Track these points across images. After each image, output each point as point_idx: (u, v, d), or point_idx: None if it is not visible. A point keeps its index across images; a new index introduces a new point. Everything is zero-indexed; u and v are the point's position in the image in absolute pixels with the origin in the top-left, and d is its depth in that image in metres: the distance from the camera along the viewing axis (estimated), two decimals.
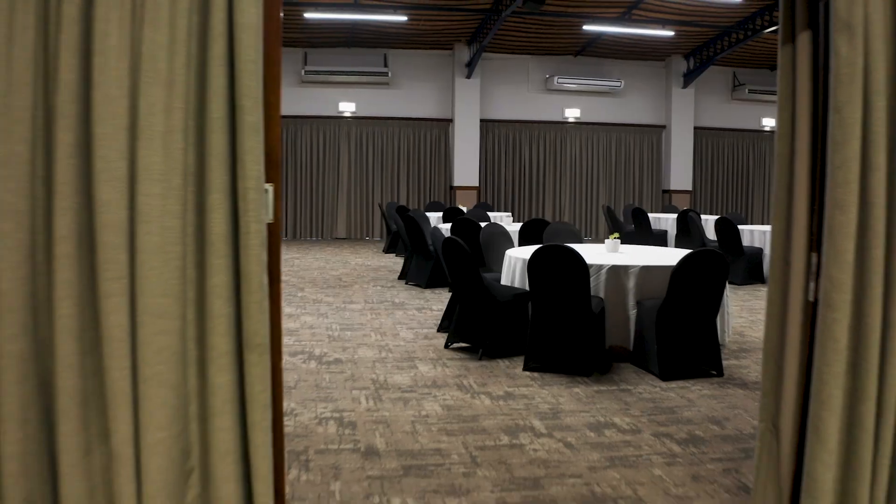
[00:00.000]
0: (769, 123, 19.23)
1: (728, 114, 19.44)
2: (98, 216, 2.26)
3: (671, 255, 6.75)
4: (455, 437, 4.40)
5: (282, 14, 2.51)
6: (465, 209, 14.35)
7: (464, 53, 17.32)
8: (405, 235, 11.17)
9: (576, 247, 6.53)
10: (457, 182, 17.66)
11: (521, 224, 10.02)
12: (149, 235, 2.26)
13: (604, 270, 6.13)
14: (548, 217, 18.07)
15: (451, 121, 17.78)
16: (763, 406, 3.06)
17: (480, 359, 6.24)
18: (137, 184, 2.26)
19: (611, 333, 6.15)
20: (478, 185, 17.82)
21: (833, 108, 2.73)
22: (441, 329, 7.34)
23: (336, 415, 4.78)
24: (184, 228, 2.32)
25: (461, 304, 6.58)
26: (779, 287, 3.03)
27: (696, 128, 19.09)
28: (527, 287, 6.11)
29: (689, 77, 18.38)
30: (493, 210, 16.50)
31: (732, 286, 10.37)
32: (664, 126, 19.00)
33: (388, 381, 5.58)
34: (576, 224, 18.38)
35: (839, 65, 2.71)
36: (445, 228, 10.42)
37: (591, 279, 6.07)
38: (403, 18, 14.74)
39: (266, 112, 2.38)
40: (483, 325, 6.33)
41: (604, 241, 7.47)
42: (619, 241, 7.16)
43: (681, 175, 18.97)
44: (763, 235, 11.33)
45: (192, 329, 2.37)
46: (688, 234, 12.22)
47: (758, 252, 11.11)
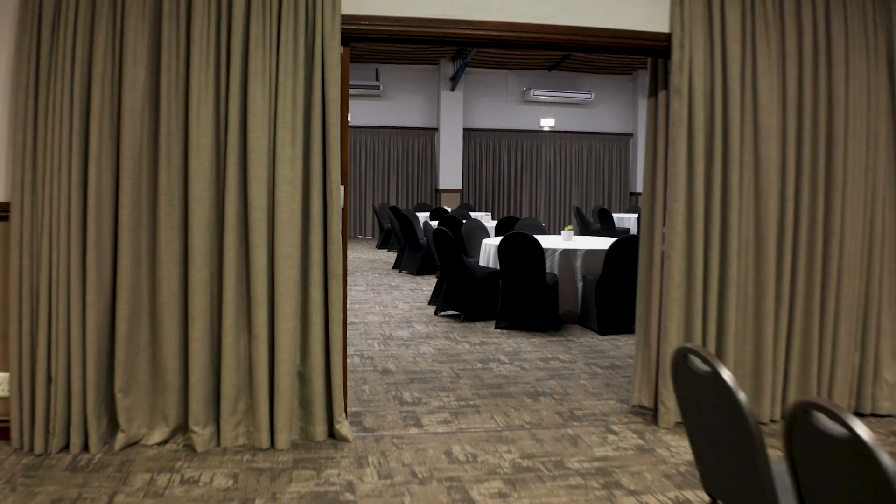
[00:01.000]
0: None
1: None
2: (251, 202, 4.09)
3: (607, 242, 8.61)
4: (444, 364, 6.24)
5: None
6: (450, 209, 16.15)
7: (448, 68, 19.12)
8: (399, 231, 13.00)
9: (538, 237, 8.37)
10: (442, 185, 19.42)
11: (497, 221, 11.88)
12: (281, 214, 4.10)
13: (557, 253, 7.98)
14: (524, 216, 19.90)
15: (437, 129, 19.55)
16: (637, 323, 4.92)
17: (463, 321, 8.08)
18: (276, 185, 4.09)
19: (563, 301, 8.00)
20: (461, 188, 19.59)
21: (670, 140, 4.60)
22: (431, 302, 9.17)
23: (358, 353, 6.59)
24: (299, 210, 4.16)
25: (447, 281, 8.41)
26: (646, 250, 4.89)
27: None
28: (498, 267, 7.95)
29: None
30: (475, 210, 18.29)
31: None
32: (632, 134, 20.86)
33: (393, 335, 7.40)
34: (549, 222, 20.21)
35: (673, 114, 4.58)
36: (434, 225, 12.26)
37: (547, 260, 7.92)
38: None
39: (341, 146, 4.22)
40: (464, 296, 8.17)
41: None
42: (573, 233, 9.01)
43: None
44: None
45: (302, 266, 4.21)
46: None
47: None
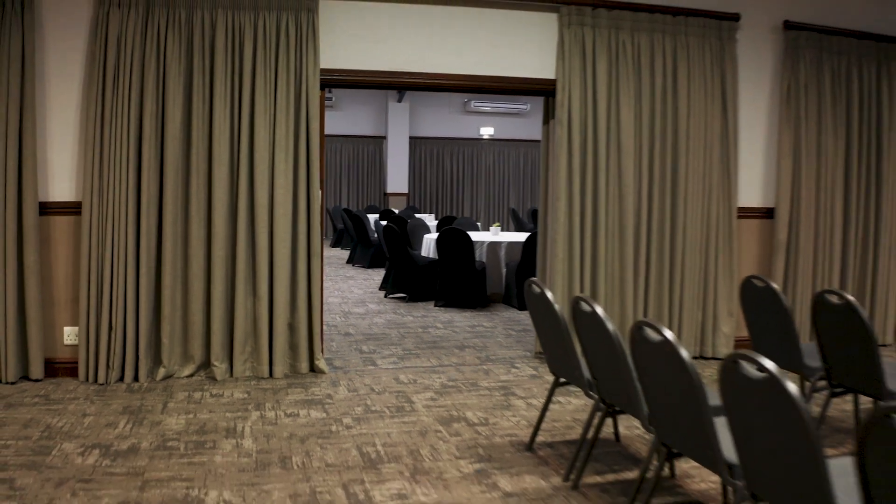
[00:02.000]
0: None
1: None
2: (256, 202, 5.79)
3: (524, 236, 10.40)
4: (392, 329, 7.97)
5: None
6: (397, 210, 17.84)
7: None
8: (352, 230, 14.68)
9: (471, 232, 10.12)
10: (389, 189, 21.05)
11: (438, 220, 13.63)
12: (278, 209, 5.80)
13: (485, 245, 9.74)
14: (465, 217, 21.63)
15: (385, 138, 21.17)
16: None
17: (408, 301, 9.81)
18: (274, 190, 5.80)
19: (490, 284, 9.76)
20: (407, 192, 21.23)
21: (552, 157, 6.39)
22: (381, 288, 10.88)
23: (325, 323, 8.29)
24: (290, 207, 5.86)
25: (395, 269, 10.13)
26: (542, 237, 6.67)
27: None
28: (436, 257, 9.68)
29: None
30: (420, 212, 19.99)
31: None
32: None
33: (351, 311, 9.10)
34: (488, 221, 21.98)
35: (557, 138, 6.37)
36: (384, 223, 13.98)
37: (477, 251, 9.69)
38: None
39: (320, 163, 5.93)
40: (409, 281, 9.89)
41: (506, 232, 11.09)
42: (500, 229, 10.78)
43: None
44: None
45: (292, 247, 5.92)
46: None
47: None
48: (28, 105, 5.55)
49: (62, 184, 5.83)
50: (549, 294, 3.93)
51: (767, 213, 7.21)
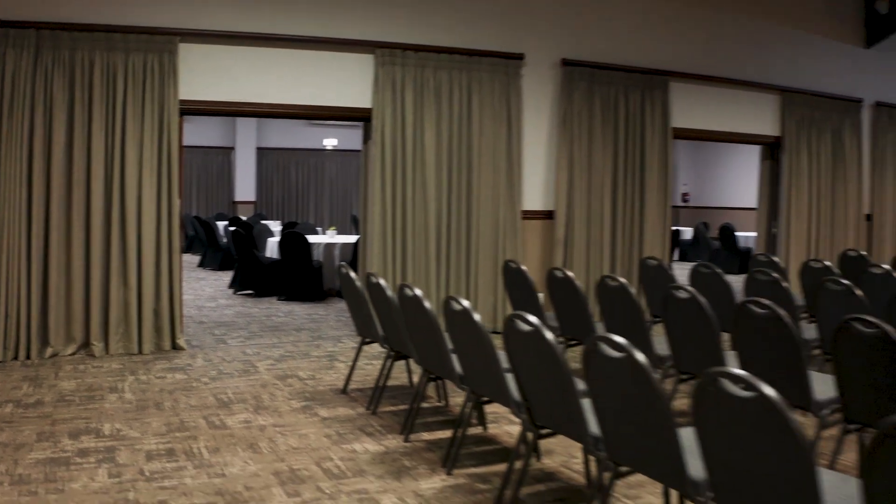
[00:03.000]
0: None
1: None
2: (127, 208, 7.14)
3: (356, 238, 11.92)
4: (240, 319, 9.38)
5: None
6: (245, 217, 19.06)
7: None
8: (203, 236, 15.90)
9: (309, 236, 11.61)
10: (238, 197, 22.13)
11: (283, 225, 15.03)
12: (145, 215, 7.15)
13: (322, 246, 11.24)
14: (310, 223, 22.95)
15: (233, 149, 22.27)
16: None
17: (254, 297, 11.21)
18: (142, 199, 7.14)
19: (326, 280, 11.26)
20: (255, 200, 22.36)
21: (369, 171, 7.96)
22: (230, 286, 12.21)
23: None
24: (155, 213, 7.22)
25: (243, 269, 11.50)
26: (363, 236, 8.23)
27: None
28: (279, 257, 11.12)
29: None
30: (267, 219, 21.22)
31: None
32: None
33: (203, 305, 10.43)
34: (333, 227, 23.35)
35: (372, 156, 7.94)
36: (232, 229, 15.28)
37: (315, 251, 11.18)
38: None
39: (179, 177, 7.32)
40: (255, 279, 11.28)
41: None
42: (335, 232, 12.29)
43: None
44: None
45: (157, 245, 7.28)
46: None
47: None
48: None
49: None
50: (353, 273, 5.49)
51: (548, 215, 8.99)
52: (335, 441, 4.93)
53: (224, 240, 15.19)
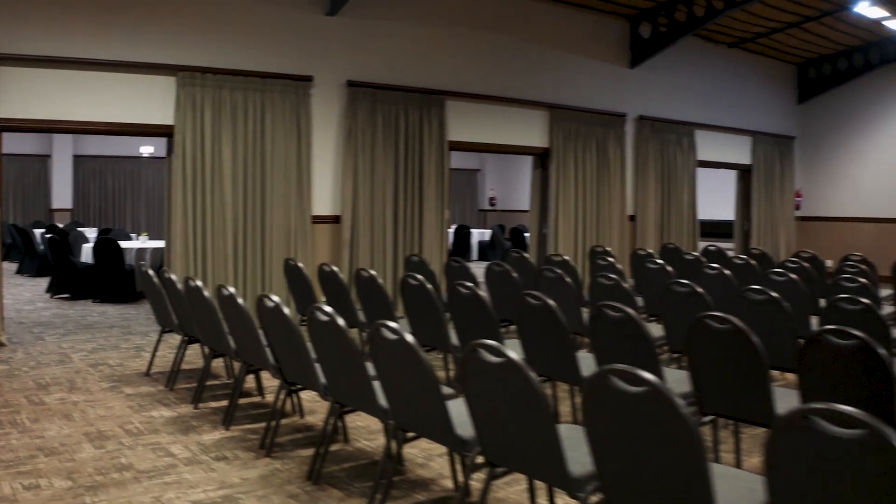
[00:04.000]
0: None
1: None
2: None
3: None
4: (57, 318, 10.21)
5: None
6: (62, 225, 19.43)
7: None
8: (20, 244, 16.36)
9: (122, 242, 12.45)
10: (55, 205, 22.14)
11: (98, 232, 15.71)
12: None
13: (134, 250, 12.12)
14: (128, 229, 23.38)
15: (50, 156, 22.36)
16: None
17: (71, 300, 11.97)
18: None
19: (139, 283, 12.12)
20: (72, 207, 22.53)
21: (172, 181, 8.99)
22: (48, 291, 12.87)
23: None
24: None
25: (59, 274, 12.23)
26: (167, 239, 9.25)
27: None
28: (93, 261, 11.93)
29: None
30: (84, 226, 21.53)
31: None
32: None
33: (22, 308, 11.15)
34: (153, 233, 23.82)
35: (174, 168, 8.97)
36: (49, 236, 15.84)
37: (127, 256, 12.04)
38: None
39: None
40: (72, 283, 12.05)
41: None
42: (147, 238, 13.15)
43: None
44: None
45: None
46: None
47: None
48: None
49: None
50: (150, 271, 6.58)
51: (335, 219, 10.23)
52: (136, 410, 6.03)
53: (41, 247, 15.73)
